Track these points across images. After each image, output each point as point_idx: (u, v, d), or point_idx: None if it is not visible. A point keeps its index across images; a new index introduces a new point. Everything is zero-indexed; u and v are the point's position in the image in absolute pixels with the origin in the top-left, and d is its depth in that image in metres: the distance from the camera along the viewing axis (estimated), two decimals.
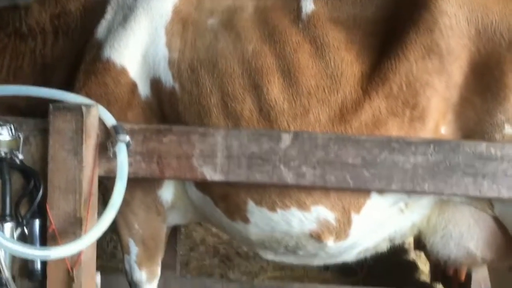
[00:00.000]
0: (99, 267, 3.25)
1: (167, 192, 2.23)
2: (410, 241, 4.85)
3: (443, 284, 3.72)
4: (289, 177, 1.86)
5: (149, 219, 2.26)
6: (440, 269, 3.77)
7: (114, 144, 1.78)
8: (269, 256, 2.23)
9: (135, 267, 2.33)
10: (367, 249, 2.19)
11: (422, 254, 4.62)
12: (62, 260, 1.72)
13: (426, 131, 1.92)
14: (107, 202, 1.75)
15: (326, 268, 4.35)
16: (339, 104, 1.94)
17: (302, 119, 1.94)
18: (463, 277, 3.23)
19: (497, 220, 2.03)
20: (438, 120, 1.93)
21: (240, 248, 4.59)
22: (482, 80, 1.90)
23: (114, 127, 1.80)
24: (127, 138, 1.78)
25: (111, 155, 1.79)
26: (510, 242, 2.04)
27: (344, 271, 4.23)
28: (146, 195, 2.21)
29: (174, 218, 2.37)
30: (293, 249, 2.13)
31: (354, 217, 2.01)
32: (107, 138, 1.82)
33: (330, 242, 2.06)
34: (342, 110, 1.94)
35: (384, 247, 2.21)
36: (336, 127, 1.93)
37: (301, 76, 1.96)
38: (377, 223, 2.06)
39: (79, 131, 1.75)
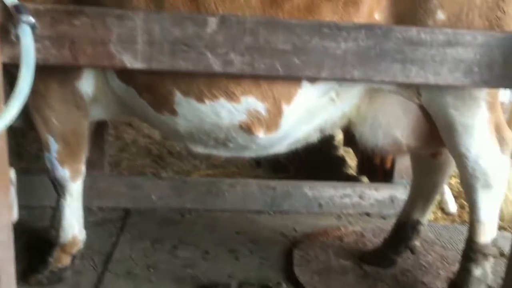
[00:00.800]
0: (23, 169, 3.10)
1: (87, 84, 2.07)
2: (339, 138, 5.02)
3: (368, 177, 3.91)
4: (216, 65, 1.75)
5: (68, 114, 2.12)
6: (366, 163, 3.95)
7: (16, 26, 1.56)
8: (199, 149, 2.18)
9: (56, 164, 2.22)
10: (298, 140, 2.19)
11: (351, 150, 4.81)
12: None
13: (360, 17, 1.85)
14: None
15: (258, 165, 4.43)
16: None
17: (231, 1, 1.79)
18: (388, 164, 3.39)
19: (423, 109, 2.07)
20: (372, 5, 1.86)
21: (172, 148, 4.54)
22: None
23: (15, 7, 1.57)
24: (31, 19, 1.57)
25: (14, 39, 1.58)
26: (433, 130, 2.11)
27: (276, 167, 4.33)
28: (63, 86, 2.04)
29: (97, 113, 2.23)
30: (223, 141, 2.09)
31: (285, 107, 1.96)
32: (8, 20, 1.60)
33: (260, 134, 2.02)
34: None
35: (314, 138, 2.21)
36: (267, 10, 1.81)
37: None
38: (308, 114, 2.04)
39: None
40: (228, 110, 1.94)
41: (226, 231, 2.98)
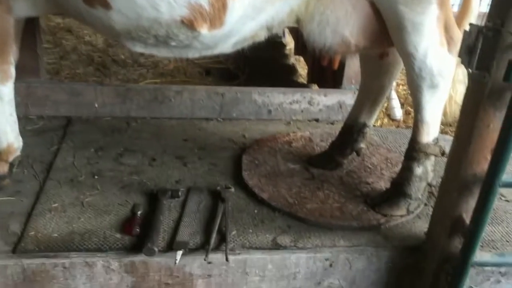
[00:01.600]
0: None
1: None
2: (291, 47, 4.94)
3: (319, 85, 3.90)
4: None
5: None
6: (316, 71, 3.91)
7: None
8: (139, 48, 2.04)
9: None
10: (244, 38, 2.08)
11: (301, 59, 4.76)
12: None
13: None
14: None
15: (208, 73, 4.32)
16: None
17: None
18: (336, 65, 3.36)
19: (373, 6, 2.00)
20: None
21: (117, 56, 4.33)
22: None
23: None
24: None
25: None
26: (382, 29, 2.05)
27: (226, 76, 4.24)
28: None
29: (23, 9, 2.02)
30: (164, 39, 1.95)
31: (230, 1, 1.83)
32: None
33: (204, 30, 1.90)
34: None
35: (261, 36, 2.11)
36: None
37: None
38: (255, 9, 1.92)
39: None
40: (167, 3, 1.79)
41: (173, 138, 2.91)
